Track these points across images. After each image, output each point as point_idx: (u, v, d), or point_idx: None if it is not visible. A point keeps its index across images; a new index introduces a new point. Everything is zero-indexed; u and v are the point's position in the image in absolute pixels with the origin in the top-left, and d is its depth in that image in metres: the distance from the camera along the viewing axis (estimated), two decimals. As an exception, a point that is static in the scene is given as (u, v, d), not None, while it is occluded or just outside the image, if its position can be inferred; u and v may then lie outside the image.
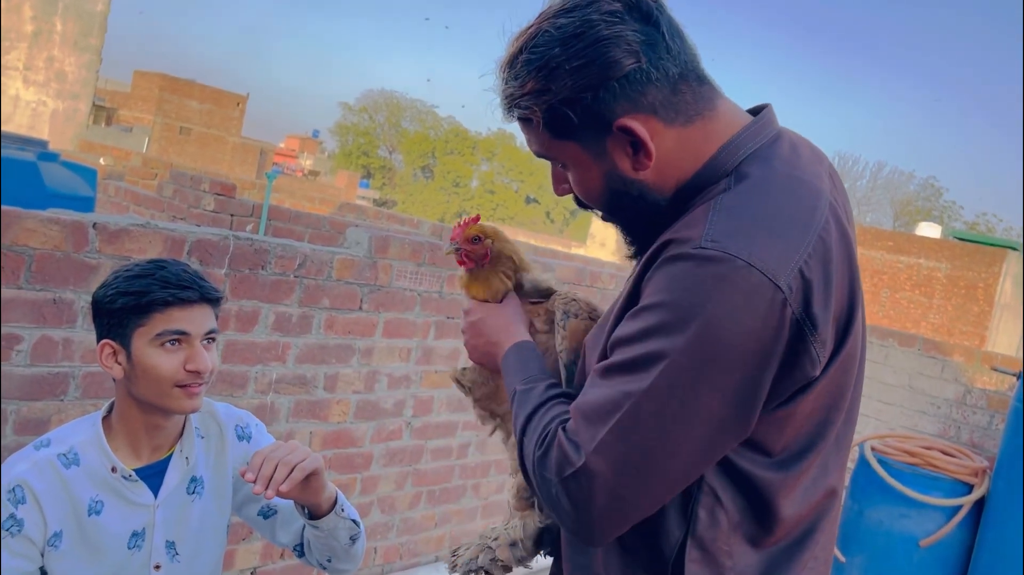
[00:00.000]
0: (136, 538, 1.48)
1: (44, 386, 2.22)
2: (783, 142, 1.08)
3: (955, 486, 3.69)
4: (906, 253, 14.26)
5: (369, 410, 3.13)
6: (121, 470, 1.45)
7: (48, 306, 2.19)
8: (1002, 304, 13.61)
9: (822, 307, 0.96)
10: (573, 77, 1.01)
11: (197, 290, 1.44)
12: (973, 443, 4.42)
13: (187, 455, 1.53)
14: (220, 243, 2.52)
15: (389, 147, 49.46)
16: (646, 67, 1.01)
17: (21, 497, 1.39)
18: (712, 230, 0.95)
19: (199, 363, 1.43)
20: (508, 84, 1.07)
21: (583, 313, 1.23)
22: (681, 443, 0.95)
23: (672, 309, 0.94)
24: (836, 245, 1.00)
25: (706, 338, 0.92)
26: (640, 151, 1.04)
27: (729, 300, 0.92)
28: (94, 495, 1.44)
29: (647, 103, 1.03)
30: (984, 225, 34.82)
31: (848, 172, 35.99)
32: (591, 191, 1.10)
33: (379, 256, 3.03)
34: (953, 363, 4.59)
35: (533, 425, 1.07)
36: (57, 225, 2.17)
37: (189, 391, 1.43)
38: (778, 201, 0.99)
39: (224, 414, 1.62)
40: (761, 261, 0.93)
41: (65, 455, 1.44)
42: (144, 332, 1.42)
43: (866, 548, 3.80)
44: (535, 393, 1.11)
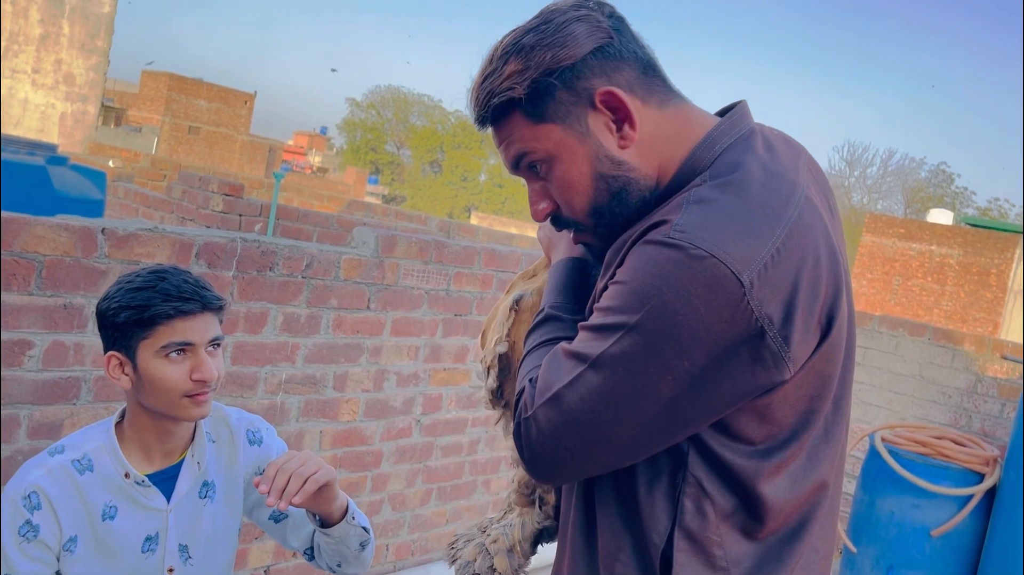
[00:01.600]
0: (150, 542, 1.50)
1: (56, 391, 2.25)
2: (757, 137, 1.08)
3: (966, 475, 3.68)
4: (918, 240, 14.19)
5: (379, 408, 3.15)
6: (134, 475, 1.47)
7: (59, 311, 2.21)
8: (1015, 290, 13.53)
9: (787, 303, 0.96)
10: (551, 50, 1.04)
11: (199, 300, 1.44)
12: (984, 432, 4.41)
13: (199, 460, 1.54)
14: (227, 246, 2.54)
15: (397, 142, 49.50)
16: (617, 45, 1.05)
17: (37, 503, 1.41)
18: (682, 221, 0.97)
19: (205, 372, 1.43)
20: (485, 83, 1.07)
21: None
22: (627, 415, 0.98)
23: (633, 289, 0.97)
24: (813, 237, 0.99)
25: (661, 319, 0.94)
26: (624, 124, 1.05)
27: (688, 287, 0.93)
28: (108, 500, 1.46)
29: (622, 79, 1.05)
30: (996, 211, 34.58)
31: (858, 160, 35.80)
32: (578, 181, 1.07)
33: (386, 255, 3.04)
34: (964, 352, 4.57)
35: (527, 361, 1.13)
36: (66, 231, 2.19)
37: (196, 399, 1.44)
38: (751, 195, 0.99)
39: (235, 419, 1.63)
40: (726, 254, 0.93)
41: (79, 461, 1.46)
42: (148, 345, 1.42)
43: (878, 538, 3.80)
44: (544, 329, 1.15)
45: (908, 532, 3.71)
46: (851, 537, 3.92)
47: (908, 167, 35.74)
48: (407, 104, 49.47)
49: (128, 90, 30.83)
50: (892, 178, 35.49)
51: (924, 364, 4.69)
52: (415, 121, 49.34)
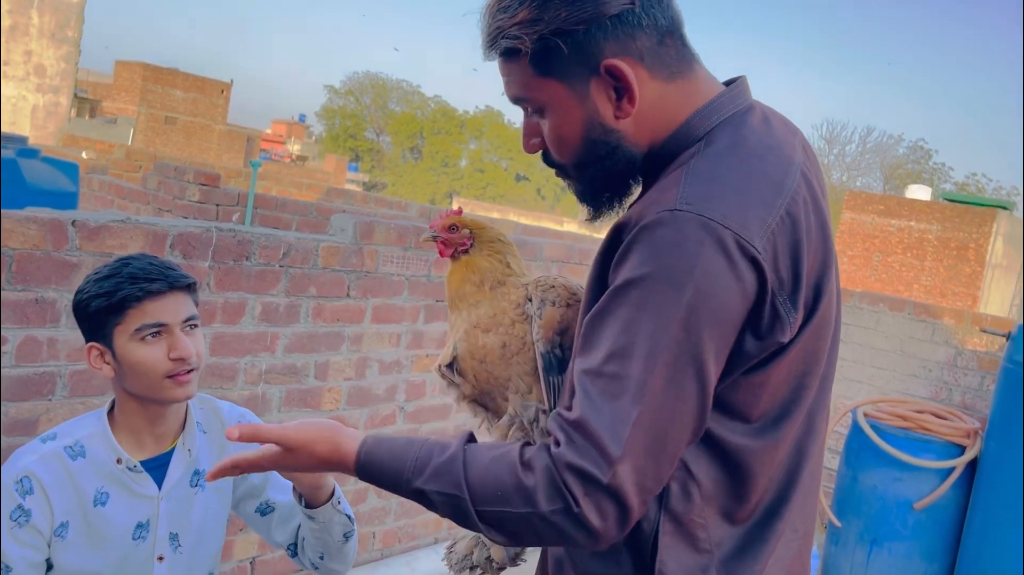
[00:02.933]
0: (140, 529, 1.50)
1: (31, 386, 2.21)
2: (755, 112, 1.08)
3: (948, 448, 3.72)
4: (897, 216, 14.27)
5: (361, 396, 3.13)
6: (126, 461, 1.48)
7: (31, 306, 2.17)
8: (993, 264, 13.66)
9: (790, 271, 0.97)
10: (567, 8, 1.01)
11: (165, 279, 1.45)
12: (965, 405, 4.45)
13: (189, 447, 1.55)
14: (202, 236, 2.51)
15: (376, 129, 49.17)
16: (638, 11, 1.02)
17: (29, 488, 1.42)
18: (686, 193, 0.96)
19: (182, 350, 1.44)
20: (498, 16, 1.05)
21: (561, 300, 1.21)
22: (684, 405, 0.95)
23: (663, 278, 0.93)
24: (807, 212, 1.01)
25: (699, 300, 0.92)
26: (624, 97, 1.04)
27: (714, 261, 0.92)
28: (100, 486, 1.47)
29: (635, 48, 1.03)
30: (974, 185, 34.86)
31: (837, 137, 35.96)
32: (567, 137, 1.07)
33: (364, 242, 3.01)
34: (943, 326, 4.61)
35: (500, 487, 0.97)
36: (36, 224, 2.15)
37: (178, 379, 1.45)
38: (749, 166, 0.99)
39: (227, 411, 1.64)
40: (736, 221, 0.94)
41: (71, 447, 1.47)
42: (123, 330, 1.43)
43: (861, 512, 3.83)
44: (453, 458, 1.00)
45: (891, 505, 3.75)
46: (835, 511, 3.95)
47: (886, 144, 35.95)
48: (386, 90, 49.11)
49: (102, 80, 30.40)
50: (870, 155, 35.69)
51: (905, 339, 4.72)
52: (394, 107, 49.01)
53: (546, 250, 3.83)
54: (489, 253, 1.28)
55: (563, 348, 1.20)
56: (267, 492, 1.64)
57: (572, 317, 1.20)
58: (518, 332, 1.23)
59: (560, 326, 1.20)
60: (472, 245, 1.28)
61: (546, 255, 3.83)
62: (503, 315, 1.23)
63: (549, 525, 0.94)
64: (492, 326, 1.23)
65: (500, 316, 1.23)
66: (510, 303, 1.24)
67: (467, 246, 1.28)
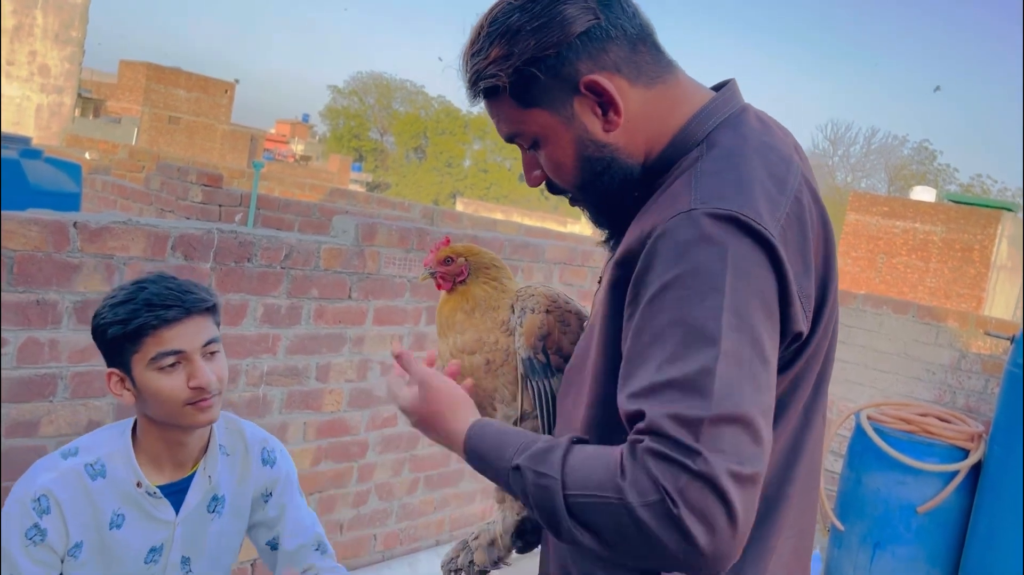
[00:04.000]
0: (153, 553, 1.48)
1: (32, 388, 2.21)
2: (750, 113, 1.09)
3: (951, 452, 3.70)
4: (901, 218, 14.24)
5: (363, 398, 3.12)
6: (146, 486, 1.45)
7: (32, 307, 2.17)
8: (998, 265, 13.62)
9: (801, 265, 0.98)
10: (535, 36, 1.02)
11: (182, 306, 1.40)
12: (969, 408, 4.43)
13: (210, 473, 1.52)
14: (204, 237, 2.51)
15: (380, 129, 49.20)
16: (604, 24, 1.03)
17: (46, 507, 1.39)
18: (698, 194, 0.96)
19: (201, 379, 1.40)
20: (472, 61, 1.07)
21: (540, 307, 1.23)
22: (759, 393, 0.91)
23: (696, 274, 0.92)
24: (810, 210, 1.02)
25: (740, 285, 0.91)
26: (609, 109, 1.05)
27: (742, 247, 0.93)
28: (117, 508, 1.44)
29: (609, 61, 1.04)
30: (979, 187, 34.78)
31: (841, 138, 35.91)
32: (563, 162, 1.09)
33: (366, 244, 3.01)
34: (947, 329, 4.59)
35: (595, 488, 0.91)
36: (37, 226, 2.15)
37: (200, 406, 1.42)
38: (754, 164, 1.00)
39: (251, 434, 1.61)
40: (753, 213, 0.94)
41: (92, 466, 1.44)
42: (140, 358, 1.40)
43: (864, 516, 3.82)
44: (556, 445, 0.97)
45: (894, 509, 3.73)
46: (838, 515, 3.94)
47: (891, 145, 35.90)
48: (390, 90, 49.16)
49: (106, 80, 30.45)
50: (875, 156, 35.63)
51: (908, 342, 4.71)
52: (398, 107, 49.05)
53: (548, 252, 3.83)
54: (484, 280, 1.30)
55: (546, 353, 1.22)
56: (279, 528, 1.61)
57: (552, 323, 1.23)
58: (502, 346, 1.25)
59: (541, 331, 1.22)
60: (468, 273, 1.30)
61: (549, 257, 3.82)
62: (488, 335, 1.25)
63: (637, 523, 0.86)
64: (476, 348, 1.26)
65: (485, 336, 1.26)
66: (496, 324, 1.26)
67: (464, 276, 1.30)
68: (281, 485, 1.60)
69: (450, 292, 1.31)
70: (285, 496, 1.60)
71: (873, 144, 35.95)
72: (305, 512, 1.63)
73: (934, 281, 13.84)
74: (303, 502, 1.65)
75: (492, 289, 1.29)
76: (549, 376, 1.21)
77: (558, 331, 1.23)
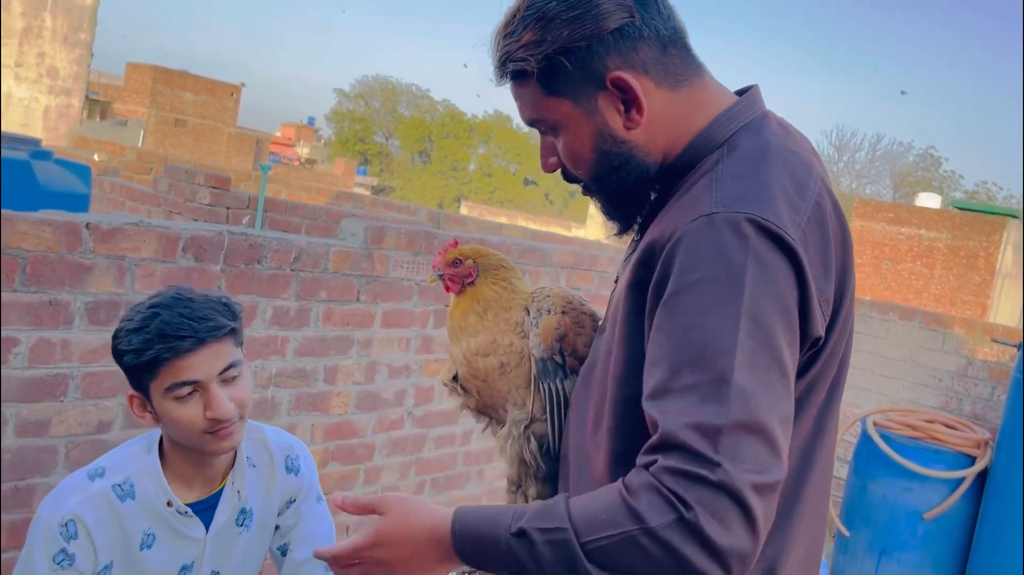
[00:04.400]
0: (185, 571, 1.47)
1: (43, 388, 2.22)
2: (771, 119, 1.10)
3: (958, 458, 3.70)
4: (906, 224, 14.22)
5: (370, 401, 3.13)
6: (177, 506, 1.43)
7: (44, 308, 2.18)
8: (1003, 273, 13.59)
9: (822, 269, 0.99)
10: (569, 26, 1.03)
11: (195, 336, 1.35)
12: (975, 415, 4.43)
13: (239, 488, 1.51)
14: (214, 239, 2.52)
15: (386, 133, 49.28)
16: (639, 23, 1.04)
17: (74, 532, 1.37)
18: (719, 196, 0.97)
19: (217, 410, 1.36)
20: (505, 42, 1.08)
21: (556, 308, 1.24)
22: (776, 400, 0.91)
23: (716, 278, 0.92)
24: (831, 215, 1.02)
25: (760, 290, 0.92)
26: (632, 108, 1.06)
27: (762, 252, 0.93)
28: (147, 528, 1.43)
29: (638, 60, 1.05)
30: (984, 194, 34.70)
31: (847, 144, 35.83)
32: (580, 153, 1.10)
33: (375, 247, 3.02)
34: (954, 335, 4.59)
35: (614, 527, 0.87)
36: (50, 227, 2.16)
37: (219, 435, 1.39)
38: (776, 167, 1.01)
39: (274, 443, 1.58)
40: (774, 216, 0.95)
41: (120, 486, 1.41)
42: (157, 386, 1.37)
43: (870, 522, 3.82)
44: (555, 501, 0.93)
45: (900, 515, 3.73)
46: (844, 521, 3.93)
47: (896, 152, 35.82)
48: (395, 94, 49.23)
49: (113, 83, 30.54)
50: (880, 163, 35.57)
51: (915, 348, 4.70)
52: (403, 111, 49.12)
53: (555, 256, 3.83)
54: (494, 281, 1.30)
55: (563, 354, 1.22)
56: (291, 535, 1.59)
57: (569, 324, 1.23)
58: (516, 348, 1.25)
59: (558, 332, 1.22)
60: (477, 275, 1.30)
61: (555, 261, 3.83)
62: (502, 336, 1.26)
63: (663, 546, 0.84)
64: (491, 350, 1.26)
65: (499, 338, 1.26)
66: (509, 325, 1.26)
67: (473, 278, 1.30)
68: (304, 493, 1.60)
69: (459, 294, 1.31)
70: (304, 505, 1.59)
71: (878, 150, 35.92)
72: (320, 522, 1.61)
73: (939, 288, 13.82)
74: (322, 508, 1.63)
75: (502, 290, 1.29)
76: (564, 378, 1.21)
77: (573, 333, 1.23)
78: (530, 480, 1.25)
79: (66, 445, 2.27)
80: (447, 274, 1.31)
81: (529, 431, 1.23)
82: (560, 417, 1.21)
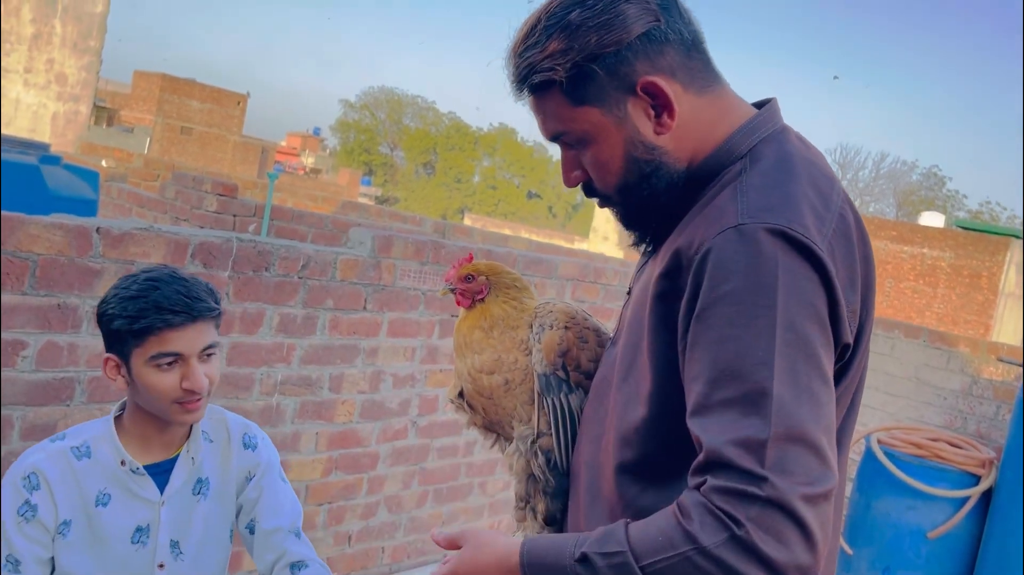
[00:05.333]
0: (140, 533, 1.51)
1: (50, 391, 2.23)
2: (791, 133, 1.10)
3: (962, 477, 3.68)
4: (910, 243, 14.22)
5: (375, 410, 3.13)
6: (130, 463, 1.50)
7: (53, 311, 2.19)
8: (1006, 293, 13.57)
9: (848, 281, 0.98)
10: (596, 33, 1.02)
11: (189, 313, 1.45)
12: (980, 434, 4.41)
13: (193, 455, 1.56)
14: (223, 246, 2.52)
15: (391, 144, 49.41)
16: (664, 28, 1.03)
17: (36, 484, 1.45)
18: (745, 207, 0.96)
19: (194, 382, 1.46)
20: (527, 54, 1.05)
21: (559, 323, 1.23)
22: (818, 407, 0.91)
23: (748, 290, 0.92)
24: (853, 227, 1.02)
25: (792, 301, 0.91)
26: (663, 112, 1.04)
27: (792, 262, 0.92)
28: (102, 487, 1.49)
29: (666, 64, 1.04)
30: (988, 214, 34.72)
31: (851, 163, 35.90)
32: (609, 163, 1.07)
33: (382, 256, 3.02)
34: (959, 354, 4.58)
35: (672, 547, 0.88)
36: (60, 230, 2.17)
37: (186, 407, 1.47)
38: (800, 179, 1.00)
39: (233, 423, 1.66)
40: (800, 227, 0.94)
41: (78, 448, 1.50)
42: (140, 353, 1.45)
43: (874, 540, 3.80)
44: (616, 526, 0.95)
45: (904, 534, 3.71)
46: (847, 539, 3.91)
47: (900, 170, 35.89)
48: (401, 105, 49.40)
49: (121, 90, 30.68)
50: (884, 181, 35.62)
51: (919, 366, 4.69)
52: (408, 122, 49.27)
53: (561, 268, 3.84)
54: (504, 299, 1.29)
55: (565, 369, 1.21)
56: (256, 510, 1.61)
57: (572, 339, 1.22)
58: (521, 365, 1.25)
59: (561, 347, 1.21)
60: (488, 291, 1.30)
61: (561, 273, 3.83)
62: (507, 354, 1.25)
63: (719, 564, 0.84)
64: (495, 368, 1.26)
65: (504, 356, 1.25)
66: (514, 343, 1.26)
67: (484, 294, 1.30)
68: (262, 468, 1.64)
69: (469, 309, 1.31)
70: (265, 479, 1.63)
71: (882, 169, 35.98)
72: (285, 497, 1.65)
73: (942, 307, 13.80)
74: (287, 488, 1.67)
75: (512, 308, 1.28)
76: (568, 393, 1.21)
77: (576, 347, 1.22)
78: (539, 495, 1.24)
79: (71, 449, 2.27)
80: (459, 288, 1.31)
81: (536, 446, 1.22)
82: (566, 432, 1.21)
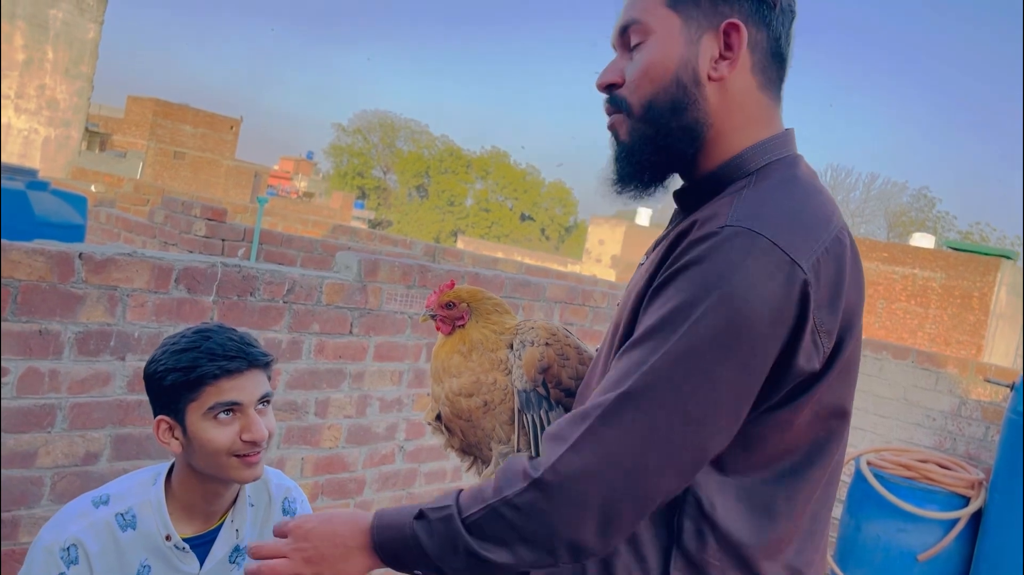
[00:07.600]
0: None
1: (31, 418, 2.21)
2: (802, 161, 1.12)
3: (952, 499, 3.68)
4: (901, 264, 14.29)
5: (361, 435, 3.11)
6: (175, 540, 1.45)
7: (34, 338, 2.18)
8: (997, 313, 13.63)
9: (829, 303, 0.98)
10: None
11: (245, 358, 1.41)
12: (969, 455, 4.41)
13: (238, 527, 1.52)
14: (207, 271, 2.52)
15: (383, 167, 49.56)
16: (771, 16, 1.09)
17: (75, 558, 1.39)
18: (736, 214, 0.98)
19: (255, 432, 1.40)
20: None
21: (539, 340, 1.24)
22: (701, 409, 0.96)
23: (696, 282, 0.95)
24: (848, 255, 1.03)
25: (731, 309, 0.93)
26: (726, 60, 1.07)
27: (754, 273, 0.93)
28: (143, 559, 1.44)
29: (753, 37, 1.08)
30: (978, 234, 34.92)
31: (841, 184, 36.13)
32: (656, 73, 1.08)
33: (369, 279, 3.02)
34: (947, 375, 4.58)
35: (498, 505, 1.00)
36: (42, 256, 2.17)
37: (247, 460, 1.42)
38: (800, 201, 1.02)
39: (275, 484, 1.61)
40: (784, 241, 0.95)
41: (123, 515, 1.44)
42: (196, 407, 1.40)
43: (864, 563, 3.78)
44: (453, 491, 1.07)
45: (894, 556, 3.70)
46: (838, 562, 3.89)
47: (890, 191, 36.12)
48: (394, 129, 49.61)
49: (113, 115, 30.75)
50: (875, 202, 35.84)
51: (908, 387, 4.70)
52: (401, 146, 49.46)
53: (549, 291, 3.84)
54: (484, 324, 1.30)
55: (546, 387, 1.21)
56: None
57: (552, 356, 1.23)
58: (500, 385, 1.25)
59: (541, 363, 1.22)
60: (469, 317, 1.30)
61: (549, 296, 3.83)
62: (486, 375, 1.25)
63: (517, 511, 0.97)
64: (474, 390, 1.25)
65: (483, 377, 1.25)
66: (493, 363, 1.26)
67: (464, 320, 1.30)
68: None
69: (448, 335, 1.31)
70: None
71: (873, 190, 36.22)
72: None
73: (933, 327, 13.84)
74: None
75: (492, 332, 1.29)
76: (548, 410, 1.21)
77: (557, 364, 1.23)
78: None
79: (52, 476, 2.25)
80: (439, 315, 1.31)
81: None
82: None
